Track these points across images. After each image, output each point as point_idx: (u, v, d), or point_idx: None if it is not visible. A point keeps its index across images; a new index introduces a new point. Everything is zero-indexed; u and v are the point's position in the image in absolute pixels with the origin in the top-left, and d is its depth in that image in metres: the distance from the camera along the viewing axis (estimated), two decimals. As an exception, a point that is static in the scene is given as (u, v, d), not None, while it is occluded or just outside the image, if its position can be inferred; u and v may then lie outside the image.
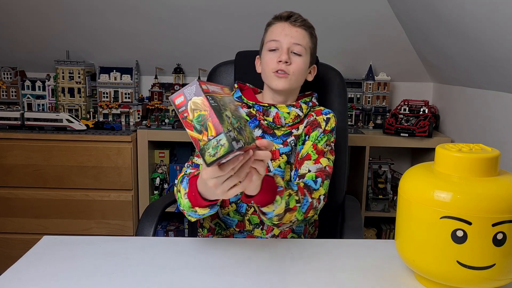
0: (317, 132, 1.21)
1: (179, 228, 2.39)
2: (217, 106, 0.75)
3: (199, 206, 0.96)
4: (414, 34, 2.17)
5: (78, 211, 2.15)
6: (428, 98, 2.48)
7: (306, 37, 1.19)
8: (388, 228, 2.40)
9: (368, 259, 0.95)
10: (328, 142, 1.21)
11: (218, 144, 0.74)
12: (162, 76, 2.49)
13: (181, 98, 0.75)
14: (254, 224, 1.21)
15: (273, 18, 1.23)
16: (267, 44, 1.20)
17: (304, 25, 1.19)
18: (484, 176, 0.77)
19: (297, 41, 1.17)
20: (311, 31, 1.22)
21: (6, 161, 2.11)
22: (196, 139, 0.75)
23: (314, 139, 1.20)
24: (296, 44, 1.17)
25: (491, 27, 1.48)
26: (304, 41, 1.19)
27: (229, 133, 0.74)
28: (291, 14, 1.19)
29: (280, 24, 1.19)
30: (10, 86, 2.37)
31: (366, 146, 2.17)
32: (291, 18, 1.18)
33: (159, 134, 2.19)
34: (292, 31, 1.18)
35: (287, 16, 1.19)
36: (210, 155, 0.75)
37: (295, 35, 1.17)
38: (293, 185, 1.06)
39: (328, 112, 1.25)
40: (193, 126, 0.74)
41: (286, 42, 1.16)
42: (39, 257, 0.93)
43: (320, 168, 1.15)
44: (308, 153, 1.18)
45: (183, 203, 0.99)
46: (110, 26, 2.26)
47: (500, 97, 1.76)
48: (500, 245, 0.73)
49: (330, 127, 1.22)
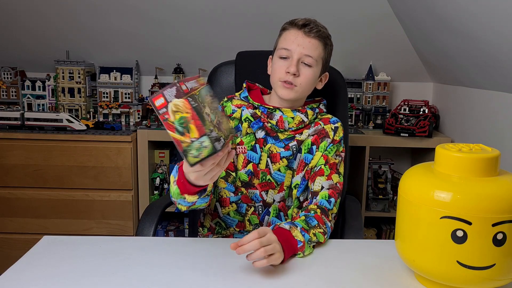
0: (326, 143, 1.20)
1: (179, 228, 2.39)
2: (198, 106, 0.75)
3: (188, 193, 0.96)
4: (414, 34, 2.17)
5: (78, 211, 2.15)
6: (428, 98, 2.48)
7: (319, 48, 1.15)
8: (388, 228, 2.40)
9: (368, 259, 0.95)
10: (338, 152, 1.20)
11: (202, 146, 0.75)
12: (162, 76, 2.49)
13: (161, 100, 0.74)
14: (254, 224, 1.21)
15: (288, 23, 1.18)
16: (278, 51, 1.17)
17: (318, 36, 1.14)
18: (484, 176, 0.77)
19: (309, 53, 1.13)
20: (325, 41, 1.17)
21: (6, 161, 2.11)
22: (178, 141, 0.75)
23: (323, 149, 1.19)
24: (307, 56, 1.13)
25: (492, 27, 1.48)
26: (316, 53, 1.15)
27: (211, 133, 0.75)
28: (307, 23, 1.14)
29: (294, 32, 1.15)
30: (10, 86, 2.36)
31: (366, 146, 2.17)
32: (306, 27, 1.14)
33: (159, 134, 2.19)
34: (305, 41, 1.13)
35: (303, 24, 1.14)
36: (193, 156, 0.75)
37: (307, 45, 1.13)
38: (312, 219, 1.05)
39: (336, 121, 1.23)
40: (175, 128, 0.75)
41: (297, 53, 1.13)
42: (39, 257, 0.93)
43: (332, 185, 1.15)
44: (321, 168, 1.17)
45: (172, 191, 1.00)
46: (110, 26, 2.26)
47: (500, 97, 1.76)
48: (500, 245, 0.73)
49: (339, 137, 1.21)
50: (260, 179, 1.19)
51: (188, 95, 0.75)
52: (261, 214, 1.20)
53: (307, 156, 1.19)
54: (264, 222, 1.21)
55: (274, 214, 1.20)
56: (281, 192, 1.19)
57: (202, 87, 0.82)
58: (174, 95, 0.74)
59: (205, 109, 0.77)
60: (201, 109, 0.76)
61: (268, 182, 1.19)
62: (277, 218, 1.21)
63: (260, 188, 1.19)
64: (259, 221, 1.20)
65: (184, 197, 0.97)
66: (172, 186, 0.99)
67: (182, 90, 0.74)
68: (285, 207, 1.20)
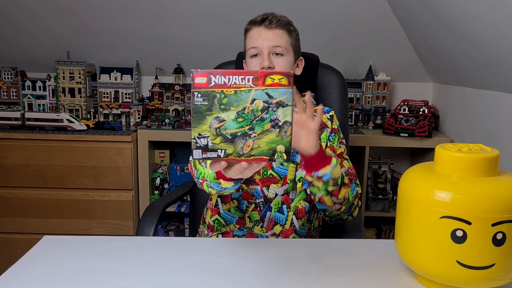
0: (326, 133, 1.21)
1: (179, 228, 2.39)
2: (203, 106, 0.71)
3: (224, 179, 0.95)
4: (414, 34, 2.17)
5: (79, 211, 2.15)
6: (428, 98, 2.48)
7: (285, 36, 1.18)
8: (388, 228, 2.40)
9: (368, 259, 0.95)
10: (340, 140, 1.23)
11: (193, 145, 0.72)
12: (162, 76, 2.50)
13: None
14: (254, 221, 1.21)
15: (249, 23, 1.22)
16: (248, 52, 1.20)
17: (280, 25, 1.18)
18: (484, 176, 0.77)
19: (276, 43, 1.16)
20: (288, 27, 1.20)
21: (6, 161, 2.11)
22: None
23: (326, 140, 1.21)
24: (275, 47, 1.17)
25: (491, 27, 1.48)
26: (283, 41, 1.18)
27: (200, 139, 0.71)
28: (265, 17, 1.18)
29: (256, 29, 1.19)
30: (10, 86, 2.37)
31: (365, 146, 2.17)
32: (265, 21, 1.17)
33: (159, 134, 2.19)
34: (269, 34, 1.17)
35: (261, 19, 1.18)
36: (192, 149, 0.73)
37: (272, 37, 1.16)
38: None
39: (329, 110, 1.26)
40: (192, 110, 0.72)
41: (265, 47, 1.16)
42: (39, 257, 0.93)
43: (346, 172, 1.16)
44: None
45: (207, 174, 0.98)
46: (110, 26, 2.26)
47: (500, 97, 1.76)
48: (500, 245, 0.74)
49: (336, 125, 1.24)
50: (261, 174, 1.19)
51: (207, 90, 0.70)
52: (262, 211, 1.21)
53: None
54: (266, 218, 1.21)
55: (276, 209, 1.21)
56: (284, 185, 1.20)
57: (257, 88, 0.71)
58: (215, 83, 0.70)
59: (220, 113, 0.71)
60: (209, 110, 0.71)
61: (270, 177, 1.19)
62: (280, 213, 1.21)
63: (261, 183, 1.20)
64: (260, 217, 1.21)
65: (220, 182, 0.96)
66: (209, 169, 0.94)
67: (209, 82, 0.70)
68: (288, 200, 1.21)
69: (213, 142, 0.72)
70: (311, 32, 2.17)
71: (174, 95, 2.38)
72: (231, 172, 0.80)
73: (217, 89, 0.71)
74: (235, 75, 0.71)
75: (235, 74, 0.71)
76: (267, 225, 1.20)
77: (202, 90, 0.70)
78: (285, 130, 0.72)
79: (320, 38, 2.24)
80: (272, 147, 0.73)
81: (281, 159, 0.73)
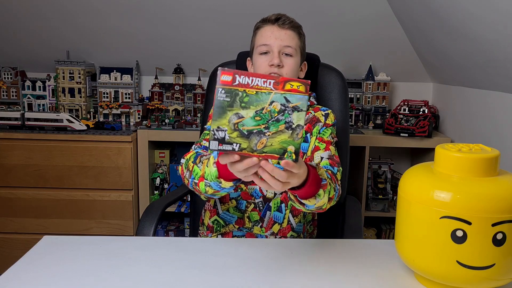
0: (318, 127, 1.23)
1: (179, 228, 2.39)
2: (225, 102, 0.75)
3: (225, 178, 0.94)
4: (414, 34, 2.17)
5: (79, 211, 2.15)
6: (428, 98, 2.48)
7: (295, 38, 1.21)
8: (388, 228, 2.40)
9: (368, 259, 0.95)
10: (332, 135, 1.23)
11: (211, 136, 0.76)
12: (162, 76, 2.49)
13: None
14: (253, 221, 1.21)
15: (261, 21, 1.23)
16: (258, 48, 1.21)
17: (292, 27, 1.20)
18: (484, 176, 0.77)
19: (287, 43, 1.18)
20: (299, 30, 1.23)
21: (6, 161, 2.11)
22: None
23: (317, 133, 1.22)
24: (286, 47, 1.18)
25: (491, 27, 1.48)
26: (294, 42, 1.20)
27: (218, 131, 0.75)
28: (279, 17, 1.20)
29: (269, 28, 1.20)
30: (10, 86, 2.37)
31: (366, 146, 2.17)
32: (279, 20, 1.19)
33: (159, 134, 2.19)
34: (281, 34, 1.19)
35: (275, 19, 1.20)
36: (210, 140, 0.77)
37: (284, 37, 1.18)
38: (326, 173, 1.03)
39: (326, 109, 1.27)
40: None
41: (276, 45, 1.18)
42: (39, 257, 0.93)
43: (330, 156, 1.16)
44: (316, 145, 1.19)
45: (208, 172, 0.96)
46: (110, 26, 2.26)
47: (500, 97, 1.76)
48: (500, 245, 0.74)
49: (331, 121, 1.24)
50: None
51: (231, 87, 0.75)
52: (262, 210, 1.21)
53: (303, 145, 1.21)
54: (266, 217, 1.21)
55: (275, 209, 1.21)
56: None
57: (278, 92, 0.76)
58: (239, 82, 0.75)
59: (239, 110, 0.75)
60: (230, 106, 0.75)
61: None
62: (279, 212, 1.21)
63: None
64: (259, 217, 1.21)
65: (220, 181, 0.95)
66: (211, 167, 0.95)
67: (234, 81, 0.75)
68: (287, 199, 1.21)
69: (230, 136, 0.76)
70: (312, 32, 2.16)
71: (174, 95, 2.38)
72: (238, 166, 0.80)
73: (240, 88, 0.76)
74: (258, 78, 0.76)
75: (259, 76, 0.76)
76: (267, 224, 1.21)
77: (226, 87, 0.75)
78: (297, 133, 0.77)
79: (320, 37, 2.23)
80: (284, 146, 0.77)
81: (290, 158, 0.78)
